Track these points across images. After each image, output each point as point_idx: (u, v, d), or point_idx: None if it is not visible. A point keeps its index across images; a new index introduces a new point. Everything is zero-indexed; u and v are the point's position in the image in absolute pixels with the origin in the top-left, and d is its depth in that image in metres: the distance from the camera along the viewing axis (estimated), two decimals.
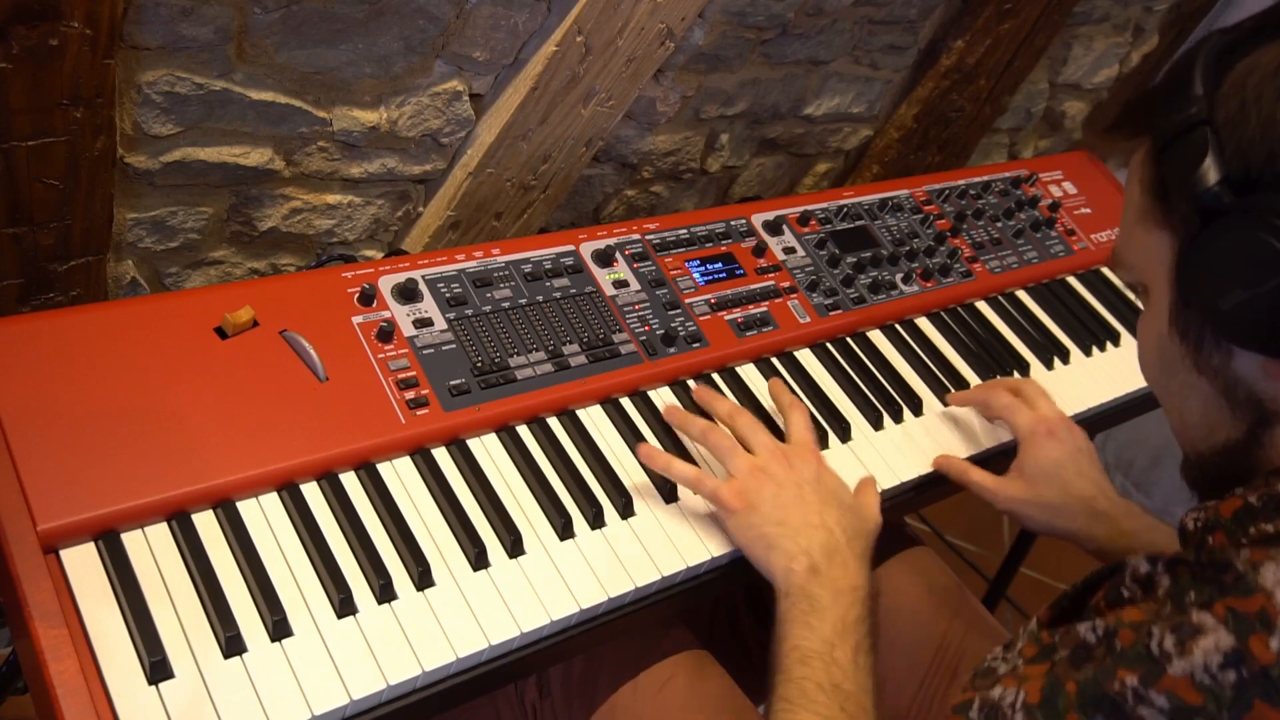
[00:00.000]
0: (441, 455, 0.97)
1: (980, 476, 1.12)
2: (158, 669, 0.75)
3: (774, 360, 1.20)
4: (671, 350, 1.12)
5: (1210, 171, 0.65)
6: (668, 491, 1.01)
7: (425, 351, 1.00)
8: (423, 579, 0.87)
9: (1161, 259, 0.72)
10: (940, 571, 1.30)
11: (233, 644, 0.78)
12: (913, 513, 2.21)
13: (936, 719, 1.16)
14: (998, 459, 1.25)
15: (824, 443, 1.13)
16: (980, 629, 1.22)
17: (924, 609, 1.24)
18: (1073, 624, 0.67)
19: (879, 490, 1.11)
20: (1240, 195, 0.65)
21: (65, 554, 0.79)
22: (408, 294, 1.03)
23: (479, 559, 0.90)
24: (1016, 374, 1.33)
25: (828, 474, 0.97)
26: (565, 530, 0.95)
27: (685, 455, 1.05)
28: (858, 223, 1.38)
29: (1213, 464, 0.77)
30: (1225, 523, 0.68)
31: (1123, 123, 0.77)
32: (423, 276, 1.05)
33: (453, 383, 0.99)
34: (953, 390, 1.25)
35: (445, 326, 1.03)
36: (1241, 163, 0.65)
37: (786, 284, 1.26)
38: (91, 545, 0.80)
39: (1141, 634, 0.61)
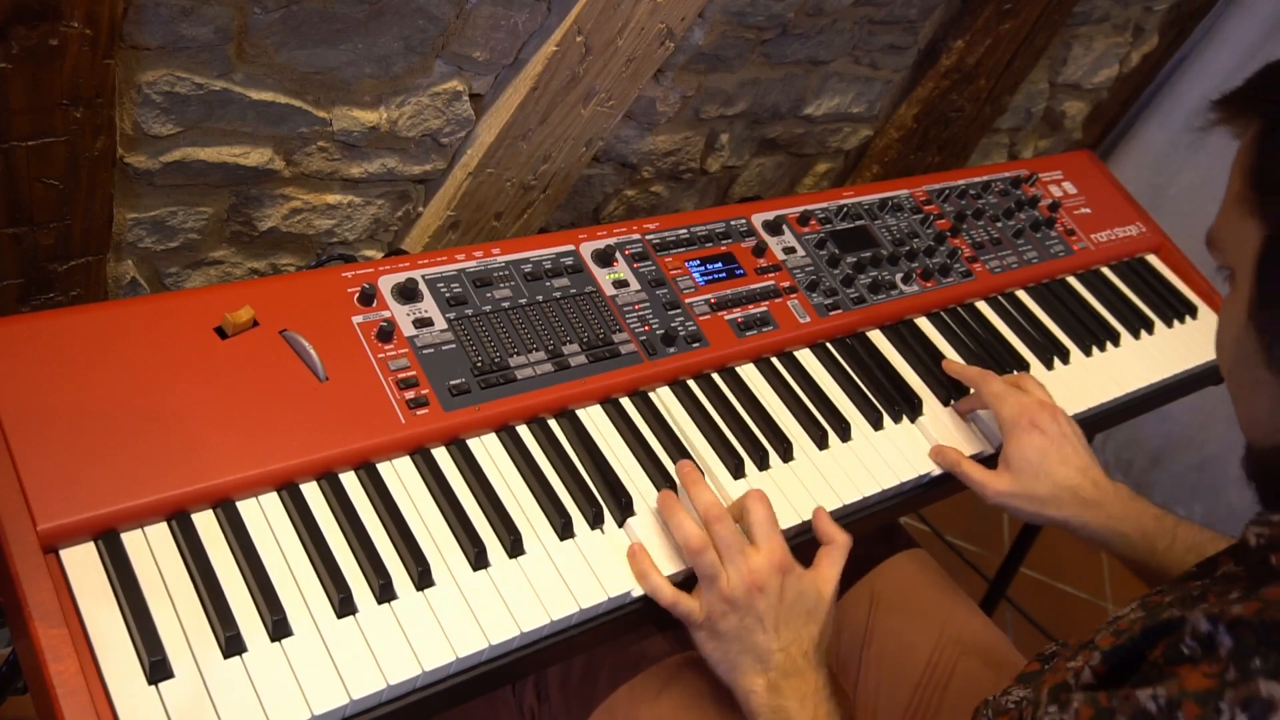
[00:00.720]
0: (441, 455, 0.97)
1: (971, 469, 1.13)
2: (157, 669, 0.75)
3: (774, 360, 1.20)
4: (671, 350, 1.12)
5: None
6: None
7: (425, 351, 1.00)
8: (423, 579, 0.87)
9: (1250, 248, 0.71)
10: (935, 573, 1.30)
11: (233, 644, 0.78)
12: (912, 513, 2.22)
13: (934, 715, 1.16)
14: (994, 461, 1.25)
15: (824, 443, 1.14)
16: (975, 630, 1.22)
17: (920, 610, 1.24)
18: (1132, 691, 0.64)
19: (891, 484, 1.12)
20: None
21: (65, 554, 0.79)
22: (408, 294, 1.03)
23: (479, 559, 0.90)
24: (1016, 374, 1.33)
25: (791, 586, 0.94)
26: (565, 530, 0.95)
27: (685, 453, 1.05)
28: (858, 223, 1.38)
29: (1275, 460, 0.75)
30: None
31: (1241, 98, 0.74)
32: (423, 276, 1.05)
33: (453, 382, 0.99)
34: (954, 391, 1.25)
35: (445, 326, 1.03)
36: None
37: (786, 284, 1.26)
38: (91, 545, 0.80)
39: (1209, 709, 0.60)
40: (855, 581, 1.28)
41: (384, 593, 0.85)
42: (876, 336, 1.30)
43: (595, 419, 1.06)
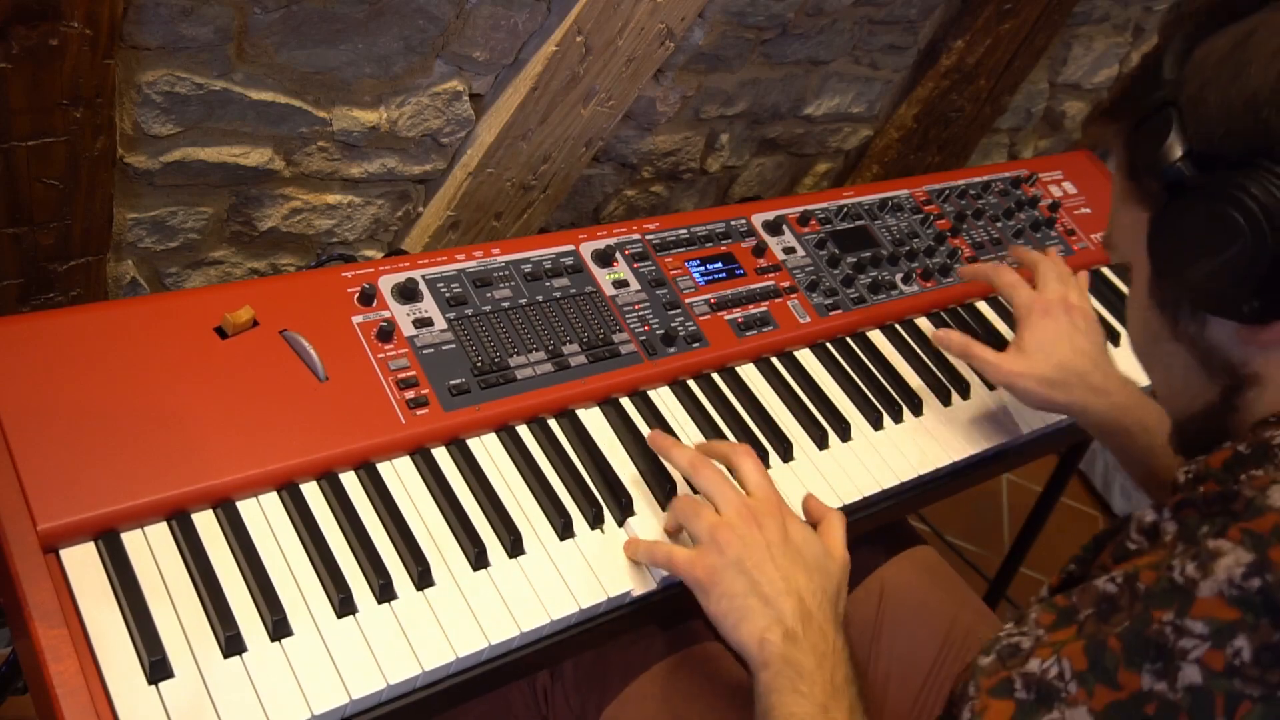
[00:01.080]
0: (441, 455, 0.97)
1: (981, 349, 1.14)
2: (157, 669, 0.75)
3: (774, 360, 1.20)
4: (671, 350, 1.12)
5: (1174, 148, 0.70)
6: (666, 493, 1.01)
7: (425, 351, 1.00)
8: (423, 579, 0.87)
9: (1138, 235, 0.76)
10: (943, 569, 1.30)
11: (232, 644, 0.78)
12: (912, 513, 2.22)
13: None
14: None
15: (824, 443, 1.13)
16: (986, 625, 1.22)
17: (928, 606, 1.24)
18: (1089, 582, 0.67)
19: (891, 484, 1.12)
20: (1202, 170, 0.70)
21: (65, 554, 0.79)
22: (408, 294, 1.03)
23: (479, 559, 0.90)
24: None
25: (794, 527, 0.90)
26: (565, 530, 0.95)
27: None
28: (858, 223, 1.38)
29: (1194, 428, 0.80)
30: (1215, 473, 0.70)
31: (1107, 111, 0.81)
32: (423, 276, 1.05)
33: (453, 382, 0.99)
34: (954, 390, 1.25)
35: (445, 326, 1.03)
36: (1203, 139, 0.70)
37: (786, 284, 1.26)
38: (91, 545, 0.80)
39: (1162, 570, 0.62)
40: (863, 579, 1.28)
41: (384, 593, 0.85)
42: (876, 336, 1.30)
43: (595, 419, 1.06)
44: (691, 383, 1.13)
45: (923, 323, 1.34)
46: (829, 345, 1.25)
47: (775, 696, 0.81)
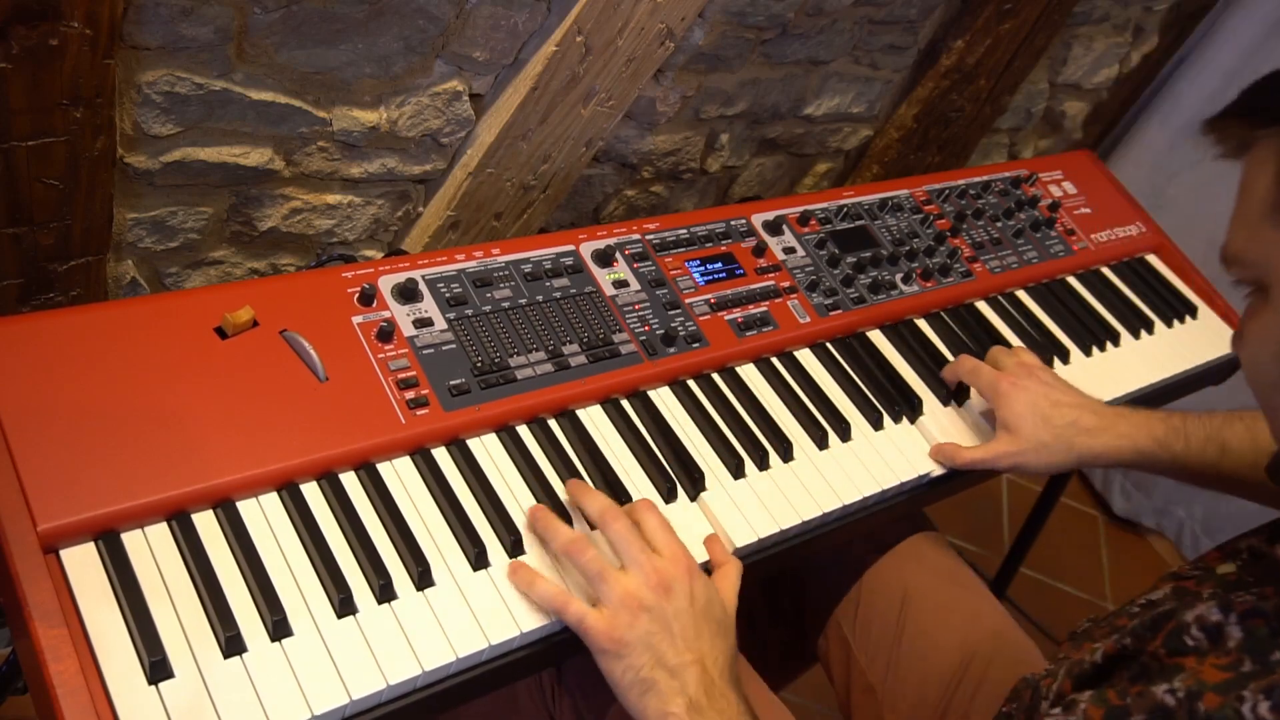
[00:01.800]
0: (441, 455, 0.97)
1: (972, 452, 1.14)
2: (158, 669, 0.75)
3: (774, 360, 1.20)
4: (671, 350, 1.12)
5: None
6: (666, 491, 1.01)
7: (425, 351, 1.00)
8: (423, 579, 0.87)
9: None
10: (960, 565, 1.30)
11: (233, 644, 0.78)
12: (913, 513, 2.21)
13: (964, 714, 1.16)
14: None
15: (824, 443, 1.13)
16: (1007, 629, 1.22)
17: (950, 608, 1.23)
18: (1146, 686, 0.63)
19: (891, 484, 1.12)
20: None
21: (65, 554, 0.79)
22: (408, 294, 1.03)
23: (479, 559, 0.90)
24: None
25: (698, 589, 0.87)
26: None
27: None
28: (858, 223, 1.38)
29: None
30: None
31: (1249, 109, 0.72)
32: (423, 276, 1.05)
33: (453, 383, 0.99)
34: (953, 391, 1.25)
35: (445, 326, 1.03)
36: None
37: (786, 284, 1.26)
38: (91, 545, 0.80)
39: (1230, 699, 0.58)
40: (876, 560, 1.26)
41: (384, 593, 0.85)
42: (876, 336, 1.30)
43: (595, 419, 1.06)
44: (691, 383, 1.13)
45: (923, 323, 1.34)
46: (829, 345, 1.25)
47: None
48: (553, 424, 1.03)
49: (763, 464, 1.08)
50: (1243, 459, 1.08)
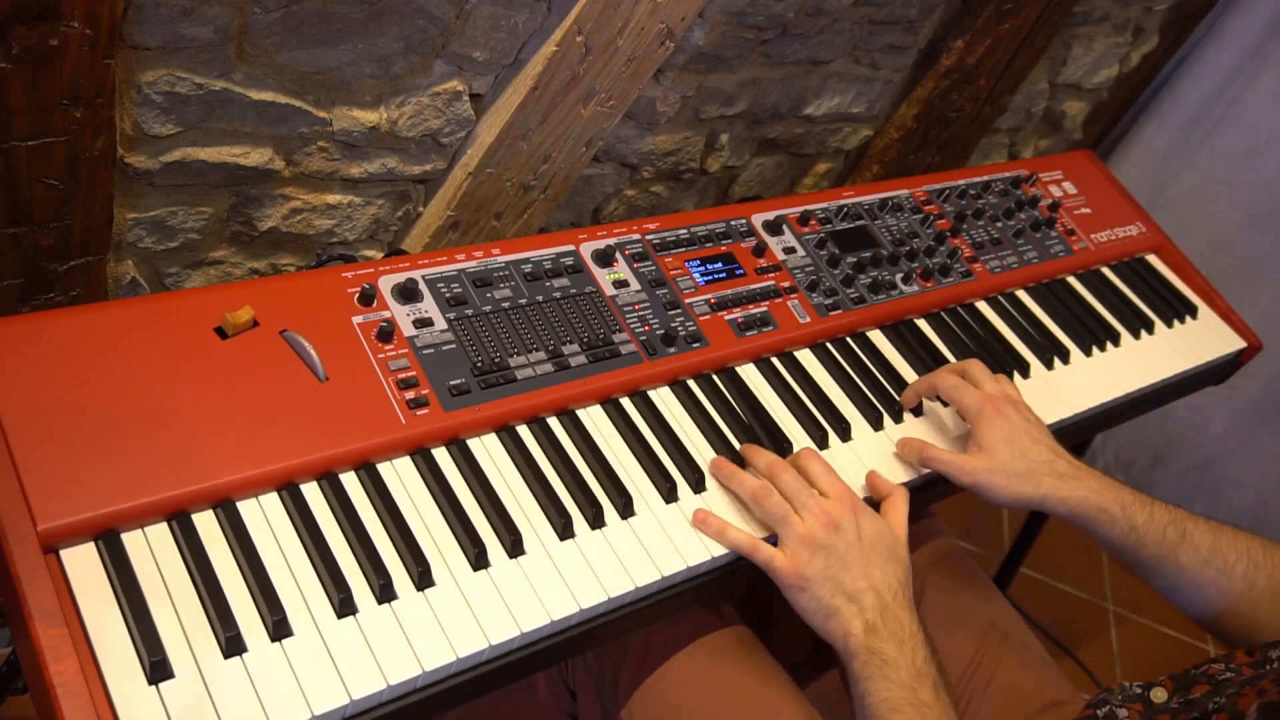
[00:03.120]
0: (441, 455, 0.97)
1: (940, 453, 1.12)
2: (158, 669, 0.75)
3: (774, 360, 1.20)
4: (671, 350, 1.12)
5: None
6: (667, 491, 1.01)
7: (425, 351, 1.00)
8: (423, 579, 0.87)
9: None
10: (971, 567, 1.30)
11: (233, 644, 0.78)
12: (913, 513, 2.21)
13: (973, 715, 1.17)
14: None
15: (824, 443, 1.14)
16: (1017, 630, 1.23)
17: (962, 610, 1.23)
18: None
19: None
20: None
21: (65, 554, 0.79)
22: (408, 294, 1.03)
23: (479, 559, 0.90)
24: (1016, 374, 1.33)
25: (866, 523, 0.98)
26: (565, 530, 0.95)
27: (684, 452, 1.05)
28: (858, 223, 1.38)
29: None
30: None
31: None
32: (423, 276, 1.05)
33: (453, 383, 0.99)
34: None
35: (445, 326, 1.03)
36: None
37: (786, 284, 1.26)
38: (91, 545, 0.80)
39: None
40: None
41: (384, 593, 0.85)
42: (876, 336, 1.30)
43: (595, 419, 1.06)
44: (691, 383, 1.13)
45: (923, 323, 1.35)
46: (829, 345, 1.25)
47: (867, 683, 0.91)
48: (553, 424, 1.03)
49: None
50: (1197, 553, 1.08)
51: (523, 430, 1.02)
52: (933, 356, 1.29)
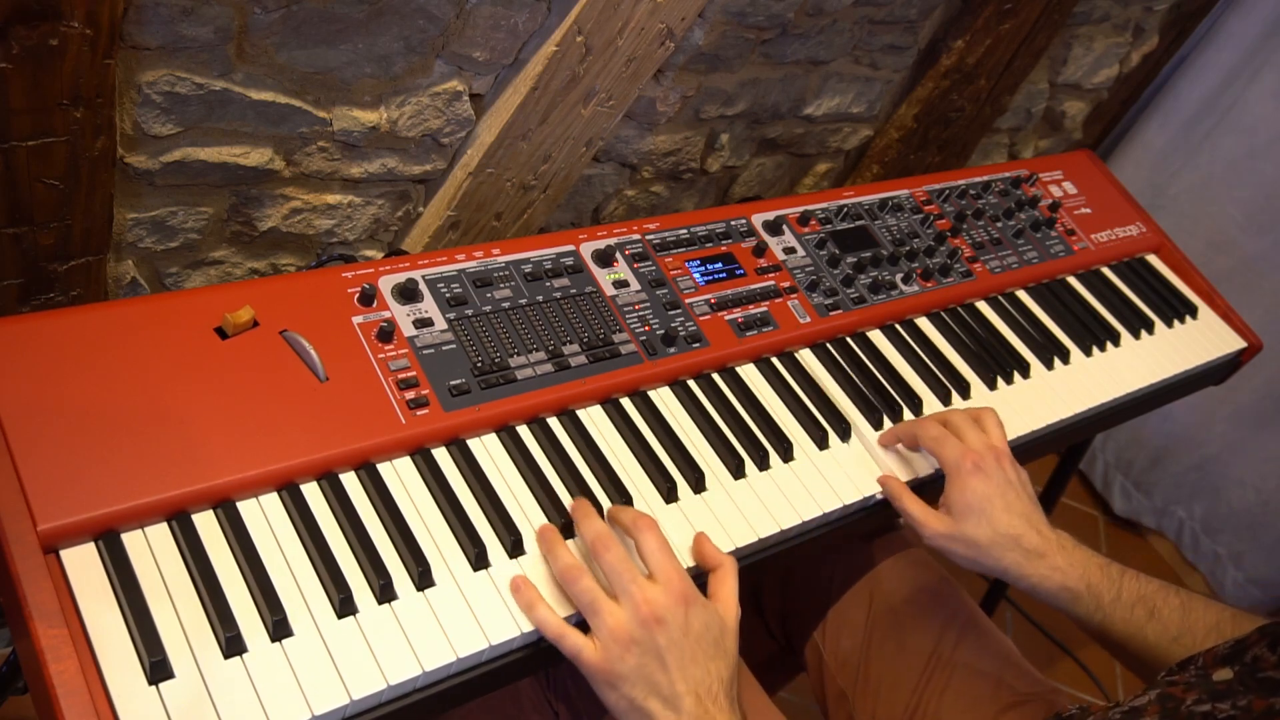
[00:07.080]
0: (441, 455, 0.97)
1: (911, 503, 1.07)
2: (158, 669, 0.75)
3: (774, 360, 1.20)
4: (671, 350, 1.12)
5: None
6: (667, 491, 1.01)
7: (425, 351, 1.00)
8: (423, 579, 0.87)
9: None
10: (935, 573, 1.30)
11: (233, 644, 0.78)
12: None
13: (933, 717, 1.17)
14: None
15: (824, 443, 1.13)
16: (976, 634, 1.23)
17: (919, 612, 1.24)
18: None
19: (879, 489, 1.11)
20: None
21: (65, 554, 0.79)
22: (408, 294, 1.03)
23: (479, 559, 0.90)
24: (1016, 374, 1.33)
25: (695, 615, 0.86)
26: (566, 530, 0.95)
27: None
28: (858, 223, 1.38)
29: None
30: None
31: None
32: (423, 276, 1.05)
33: (453, 383, 0.99)
34: (954, 390, 1.25)
35: (445, 326, 1.03)
36: None
37: (786, 284, 1.26)
38: (91, 545, 0.80)
39: None
40: (854, 583, 1.28)
41: (384, 593, 0.85)
42: (876, 336, 1.30)
43: (595, 419, 1.06)
44: (692, 383, 1.13)
45: (923, 323, 1.35)
46: (829, 345, 1.25)
47: None
48: (553, 424, 1.03)
49: (763, 464, 1.08)
50: (1166, 632, 1.02)
51: (523, 430, 1.02)
52: (932, 357, 1.29)
